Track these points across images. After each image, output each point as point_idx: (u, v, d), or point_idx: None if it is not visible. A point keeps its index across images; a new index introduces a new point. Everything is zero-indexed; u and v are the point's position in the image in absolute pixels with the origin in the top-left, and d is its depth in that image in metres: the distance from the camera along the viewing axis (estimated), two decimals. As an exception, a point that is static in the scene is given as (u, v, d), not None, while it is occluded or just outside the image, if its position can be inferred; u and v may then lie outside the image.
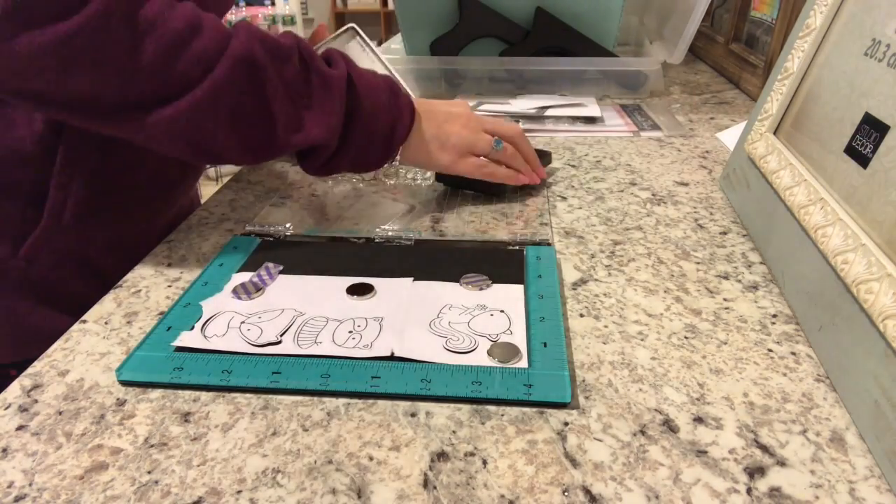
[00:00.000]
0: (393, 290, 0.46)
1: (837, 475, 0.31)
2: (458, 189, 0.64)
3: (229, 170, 2.63)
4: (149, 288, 0.48)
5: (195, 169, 0.71)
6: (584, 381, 0.38)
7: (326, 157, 0.52)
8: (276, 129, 0.48)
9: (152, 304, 0.46)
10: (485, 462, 0.32)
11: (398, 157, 0.56)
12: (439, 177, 0.64)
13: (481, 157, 0.59)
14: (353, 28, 0.73)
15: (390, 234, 0.54)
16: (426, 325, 0.42)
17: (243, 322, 0.42)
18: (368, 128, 0.52)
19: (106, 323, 0.44)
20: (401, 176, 0.67)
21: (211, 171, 2.63)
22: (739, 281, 0.48)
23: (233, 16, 3.89)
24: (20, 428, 0.35)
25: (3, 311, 0.57)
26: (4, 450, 0.33)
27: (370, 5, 4.65)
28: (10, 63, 0.40)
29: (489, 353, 0.39)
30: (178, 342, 0.40)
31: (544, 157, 0.67)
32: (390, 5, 4.34)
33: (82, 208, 0.56)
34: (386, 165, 0.56)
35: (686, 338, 0.41)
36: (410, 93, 0.59)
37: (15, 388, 0.38)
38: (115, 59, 0.41)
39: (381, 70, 0.73)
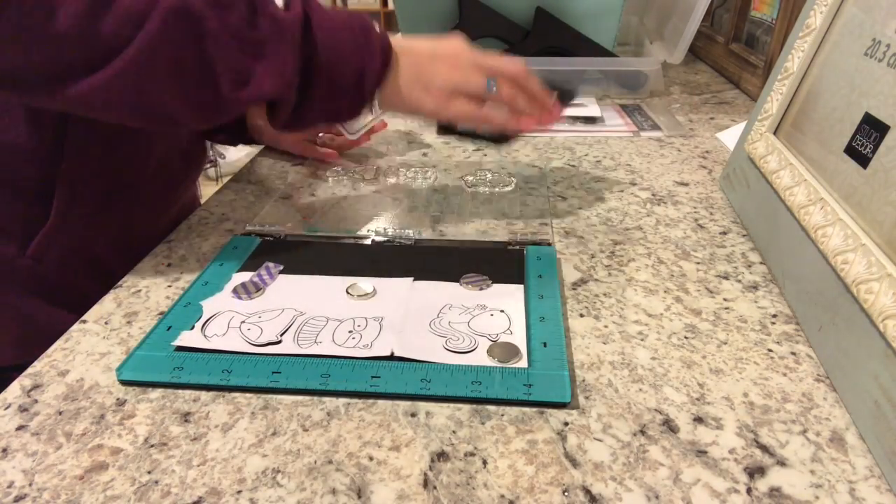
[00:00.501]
0: (393, 290, 0.46)
1: (837, 475, 0.31)
2: (462, 136, 0.57)
3: (229, 170, 2.63)
4: (149, 288, 0.48)
5: (197, 164, 0.72)
6: (584, 381, 0.38)
7: (289, 110, 0.47)
8: (222, 84, 0.44)
9: (152, 304, 0.46)
10: (485, 462, 0.32)
11: (376, 104, 0.51)
12: (440, 127, 0.58)
13: (475, 101, 0.52)
14: None
15: (390, 234, 0.54)
16: (426, 324, 0.42)
17: (243, 322, 0.42)
18: (332, 74, 0.47)
19: (106, 323, 0.44)
20: (401, 176, 0.67)
21: (211, 171, 2.63)
22: (739, 281, 0.48)
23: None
24: (20, 428, 0.35)
25: (10, 310, 0.57)
26: (4, 450, 0.33)
27: (370, 5, 4.65)
28: None
29: (489, 352, 0.39)
30: (179, 342, 0.40)
31: (565, 94, 0.58)
32: (390, 5, 4.34)
33: (88, 206, 0.57)
34: (369, 118, 0.50)
35: (686, 338, 0.41)
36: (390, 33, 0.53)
37: (15, 388, 0.38)
38: (33, 29, 0.39)
39: None
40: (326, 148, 0.73)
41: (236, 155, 2.72)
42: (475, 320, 0.42)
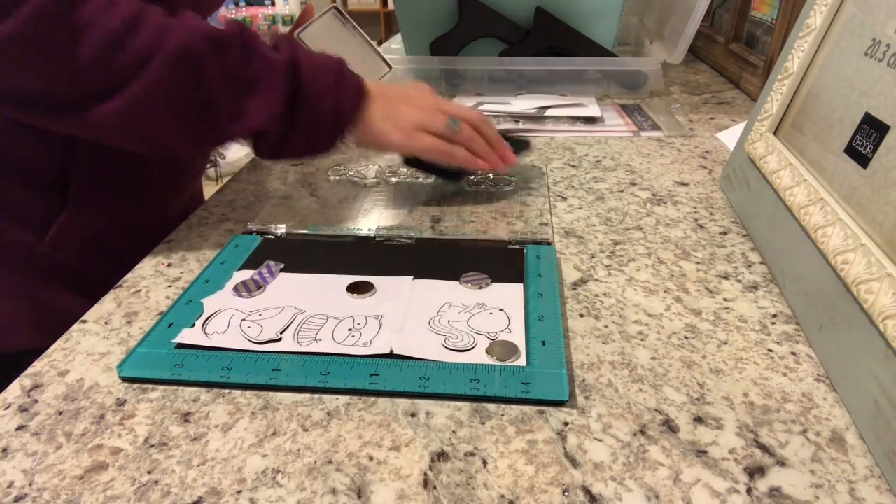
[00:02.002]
0: (393, 289, 0.46)
1: (837, 475, 0.31)
2: (422, 171, 0.63)
3: (229, 170, 2.63)
4: (149, 288, 0.48)
5: (204, 153, 0.74)
6: (583, 380, 0.38)
7: (274, 142, 0.52)
8: (219, 118, 0.48)
9: (152, 304, 0.46)
10: (485, 462, 0.32)
11: (350, 140, 0.56)
12: (406, 160, 0.63)
13: (438, 139, 0.57)
14: (334, 9, 0.76)
15: (391, 232, 0.54)
16: (425, 323, 0.42)
17: (244, 319, 0.42)
18: (314, 111, 0.52)
19: (106, 323, 0.44)
20: (401, 175, 0.67)
21: (211, 171, 2.63)
22: (739, 281, 0.48)
23: (233, 16, 3.89)
24: (20, 428, 0.35)
25: (30, 297, 0.59)
26: (4, 450, 0.33)
27: (370, 5, 4.65)
28: None
29: (488, 351, 0.39)
30: (179, 339, 0.40)
31: (520, 144, 0.65)
32: (390, 5, 4.34)
33: (103, 194, 0.59)
34: (344, 148, 0.56)
35: (686, 338, 0.41)
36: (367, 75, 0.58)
37: (15, 388, 0.38)
38: (53, 59, 0.43)
39: (363, 48, 0.75)
40: None
41: (236, 155, 2.73)
42: (474, 319, 0.42)
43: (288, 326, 0.42)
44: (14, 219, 0.57)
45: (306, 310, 0.43)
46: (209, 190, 0.71)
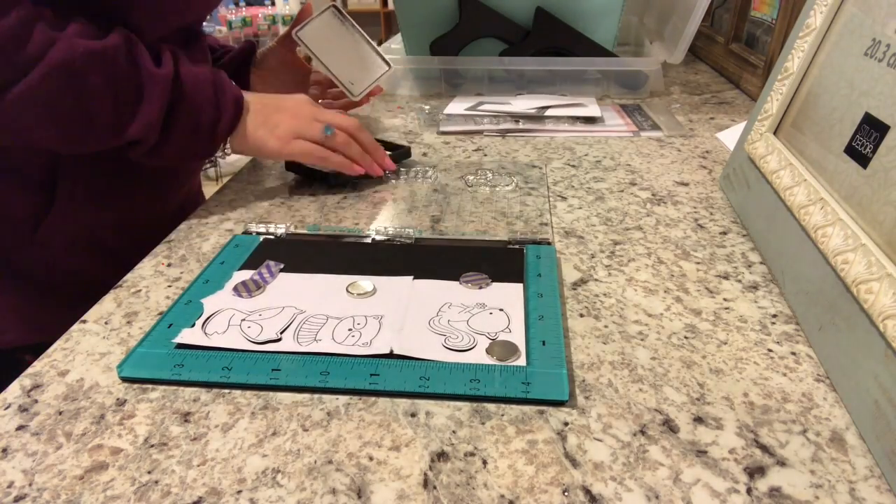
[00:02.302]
0: (393, 289, 0.46)
1: (837, 475, 0.31)
2: (301, 175, 0.66)
3: (229, 170, 2.63)
4: (149, 288, 0.48)
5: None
6: (583, 380, 0.38)
7: (148, 149, 0.54)
8: (95, 127, 0.51)
9: (152, 304, 0.46)
10: (485, 462, 0.32)
11: (228, 147, 0.59)
12: (287, 165, 0.67)
13: (314, 145, 0.61)
14: (333, 7, 0.76)
15: (391, 232, 0.54)
16: (426, 323, 0.42)
17: (244, 319, 0.42)
18: (192, 122, 0.55)
19: (106, 323, 0.44)
20: (401, 175, 0.67)
21: (211, 170, 2.63)
22: (739, 281, 0.48)
23: (233, 16, 3.88)
24: (20, 428, 0.35)
25: (18, 296, 0.59)
26: (4, 450, 0.33)
27: (370, 5, 4.65)
28: None
29: (488, 351, 0.39)
30: (179, 339, 0.40)
31: (398, 149, 0.69)
32: (390, 5, 4.34)
33: (91, 191, 0.59)
34: (221, 154, 0.60)
35: (686, 338, 0.41)
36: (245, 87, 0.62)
37: (15, 388, 0.38)
38: None
39: (361, 47, 0.76)
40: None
41: (236, 155, 2.72)
42: (474, 319, 0.42)
43: (288, 326, 0.42)
44: (2, 218, 0.57)
45: (306, 310, 0.43)
46: (209, 190, 0.71)
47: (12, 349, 0.58)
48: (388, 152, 0.68)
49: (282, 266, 0.49)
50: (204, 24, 0.70)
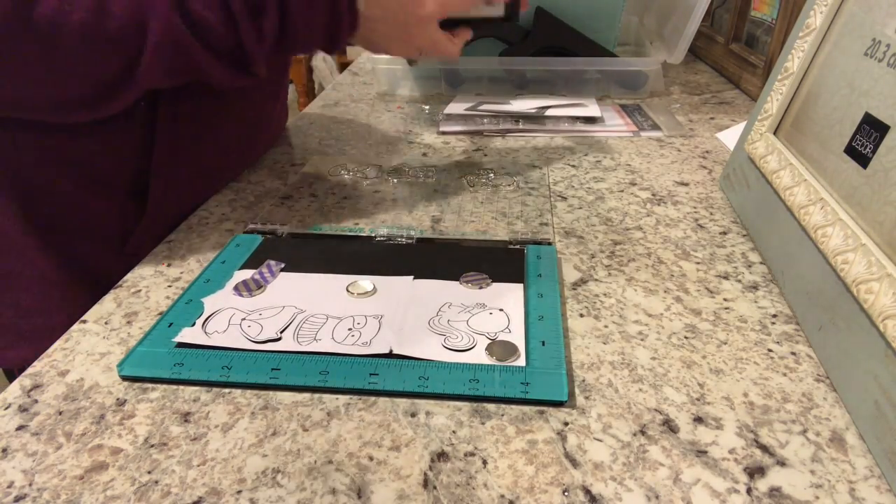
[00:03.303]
0: (393, 289, 0.46)
1: (837, 475, 0.31)
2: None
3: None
4: (149, 288, 0.48)
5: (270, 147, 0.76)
6: (583, 380, 0.38)
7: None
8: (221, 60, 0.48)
9: (152, 304, 0.46)
10: (485, 462, 0.32)
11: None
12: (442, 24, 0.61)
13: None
14: None
15: (391, 232, 0.54)
16: (425, 322, 0.42)
17: (244, 319, 0.42)
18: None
19: (106, 323, 0.44)
20: (401, 175, 0.67)
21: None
22: (739, 281, 0.48)
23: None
24: (20, 428, 0.35)
25: None
26: (4, 450, 0.33)
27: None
28: None
29: (487, 351, 0.39)
30: (180, 338, 0.40)
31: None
32: (390, 5, 4.32)
33: (180, 196, 0.59)
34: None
35: (686, 338, 0.41)
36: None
37: (15, 388, 0.38)
38: (30, 66, 0.42)
39: None
40: None
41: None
42: (474, 319, 0.42)
43: (288, 326, 0.42)
44: (92, 236, 0.56)
45: (306, 309, 0.43)
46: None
47: None
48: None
49: (282, 265, 0.49)
50: None
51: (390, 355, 0.39)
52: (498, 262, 0.49)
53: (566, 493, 0.30)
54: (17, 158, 0.51)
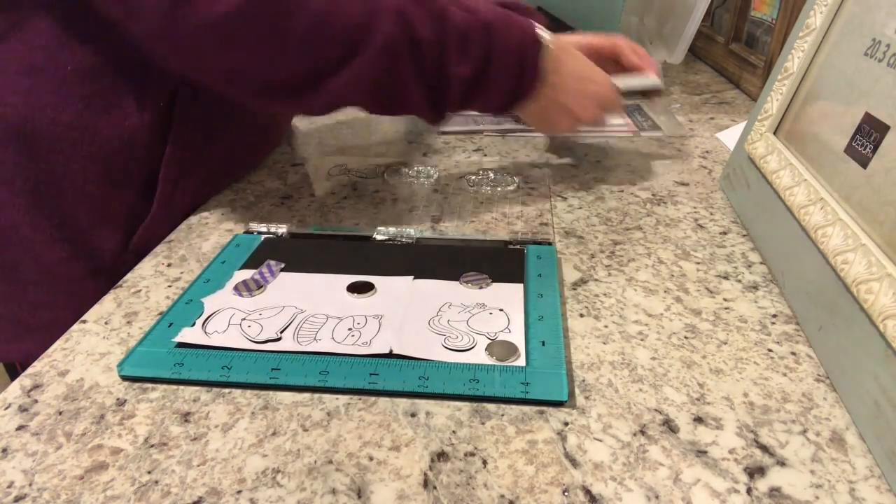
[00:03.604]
0: (393, 289, 0.46)
1: (837, 475, 0.31)
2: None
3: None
4: (149, 288, 0.48)
5: (275, 147, 0.76)
6: (583, 380, 0.38)
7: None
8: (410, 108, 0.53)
9: (152, 304, 0.46)
10: (485, 462, 0.32)
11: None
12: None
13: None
14: None
15: (391, 232, 0.54)
16: (425, 322, 0.42)
17: (244, 319, 0.42)
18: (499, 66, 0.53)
19: (106, 323, 0.44)
20: (402, 175, 0.67)
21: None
22: (739, 281, 0.48)
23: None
24: (20, 428, 0.35)
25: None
26: (4, 450, 0.33)
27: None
28: (176, 42, 0.44)
29: (487, 351, 0.39)
30: (180, 338, 0.40)
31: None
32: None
33: (188, 194, 0.59)
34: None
35: (686, 338, 0.41)
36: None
37: (15, 388, 0.38)
38: (267, 39, 0.44)
39: None
40: None
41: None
42: (474, 319, 0.42)
43: (288, 326, 0.42)
44: (101, 232, 0.56)
45: (306, 309, 0.43)
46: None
47: None
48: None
49: (282, 265, 0.49)
50: None
51: (390, 355, 0.39)
52: (498, 262, 0.49)
53: (566, 493, 0.30)
54: (29, 151, 0.51)
